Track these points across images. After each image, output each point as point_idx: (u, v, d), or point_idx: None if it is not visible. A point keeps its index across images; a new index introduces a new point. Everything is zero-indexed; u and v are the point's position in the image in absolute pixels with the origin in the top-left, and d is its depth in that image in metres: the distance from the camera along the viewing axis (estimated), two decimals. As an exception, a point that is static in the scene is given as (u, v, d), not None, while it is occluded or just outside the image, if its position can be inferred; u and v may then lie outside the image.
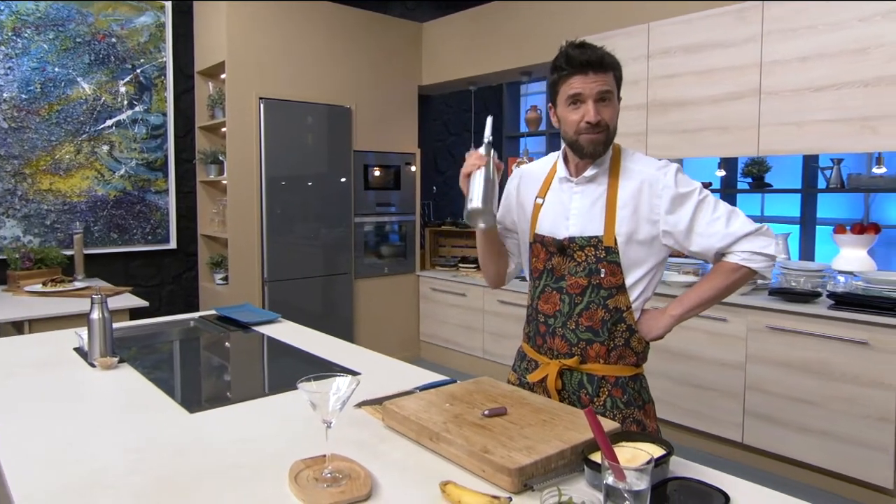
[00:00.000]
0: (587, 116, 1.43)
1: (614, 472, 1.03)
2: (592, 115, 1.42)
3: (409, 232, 4.90)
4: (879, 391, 2.59)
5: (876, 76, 2.55)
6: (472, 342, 4.55)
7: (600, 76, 1.42)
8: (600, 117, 1.43)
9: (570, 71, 1.45)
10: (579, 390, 1.54)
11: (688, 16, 3.12)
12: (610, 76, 1.45)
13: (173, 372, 1.93)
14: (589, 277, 1.51)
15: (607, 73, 1.44)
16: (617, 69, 1.47)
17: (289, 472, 1.17)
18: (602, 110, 1.44)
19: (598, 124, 1.43)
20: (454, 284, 4.65)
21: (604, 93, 1.43)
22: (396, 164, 4.72)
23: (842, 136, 2.66)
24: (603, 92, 1.43)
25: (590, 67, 1.42)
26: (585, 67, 1.42)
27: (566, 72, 1.46)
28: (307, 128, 4.16)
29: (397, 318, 4.82)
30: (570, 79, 1.45)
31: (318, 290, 4.29)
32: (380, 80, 4.59)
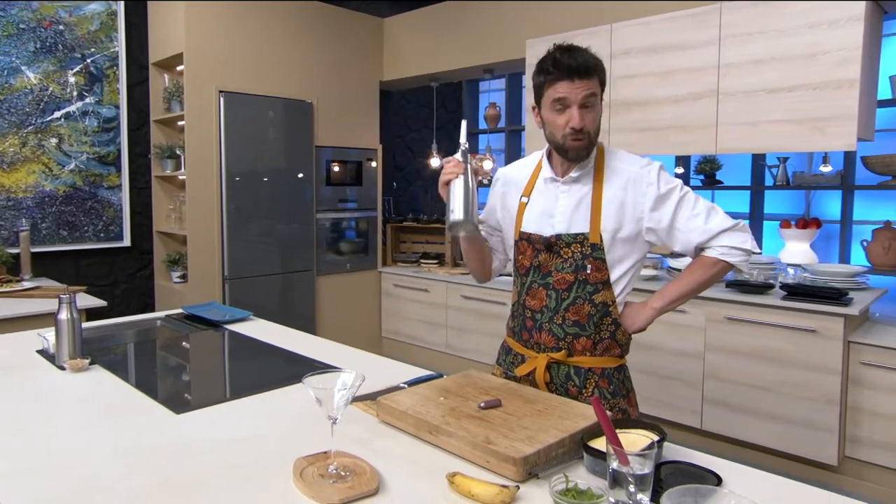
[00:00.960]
0: (572, 122, 1.47)
1: (619, 457, 1.07)
2: (577, 121, 1.46)
3: (371, 228, 4.88)
4: (826, 375, 2.76)
5: (824, 80, 2.71)
6: (435, 337, 4.57)
7: (585, 82, 1.46)
8: (584, 124, 1.47)
9: (557, 75, 1.47)
10: (567, 382, 1.59)
11: (648, 18, 3.22)
12: (595, 81, 1.48)
13: (150, 373, 1.88)
14: (575, 273, 1.55)
15: (592, 78, 1.47)
16: (601, 73, 1.51)
17: (293, 469, 1.17)
18: (585, 116, 1.47)
19: (581, 130, 1.47)
20: (416, 280, 4.66)
21: (588, 98, 1.46)
22: (358, 159, 4.69)
23: (793, 136, 2.82)
24: (587, 97, 1.46)
25: (576, 73, 1.45)
26: (572, 73, 1.45)
27: (552, 75, 1.48)
28: (268, 122, 4.08)
29: (359, 314, 4.80)
30: (556, 83, 1.48)
31: (280, 288, 4.22)
32: (341, 74, 4.54)
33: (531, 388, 1.56)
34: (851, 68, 2.64)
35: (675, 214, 1.51)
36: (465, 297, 4.33)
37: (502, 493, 1.07)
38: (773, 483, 1.18)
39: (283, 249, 4.22)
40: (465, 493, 1.09)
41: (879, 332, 2.81)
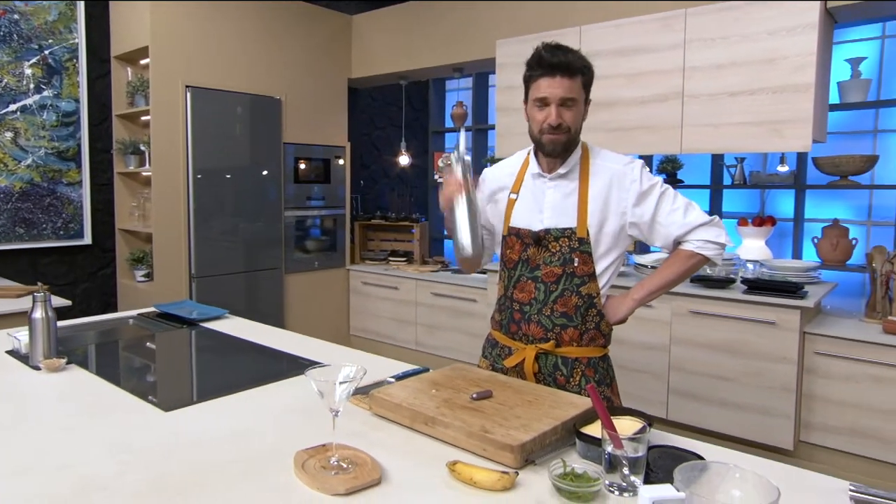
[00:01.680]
0: (549, 119, 1.54)
1: (614, 441, 1.12)
2: (554, 117, 1.53)
3: (339, 226, 4.86)
4: (784, 365, 2.90)
5: (782, 84, 2.85)
6: (405, 335, 4.59)
7: (566, 80, 1.52)
8: (561, 120, 1.53)
9: (540, 72, 1.54)
10: (554, 372, 1.64)
11: (617, 21, 3.32)
12: (577, 81, 1.54)
13: (131, 371, 1.85)
14: (563, 266, 1.60)
15: (574, 77, 1.53)
16: (586, 73, 1.56)
17: (293, 462, 1.18)
18: (564, 113, 1.54)
19: (559, 126, 1.54)
20: (386, 278, 4.67)
21: (567, 99, 1.53)
22: (326, 157, 4.67)
23: (753, 137, 2.95)
24: (566, 98, 1.52)
25: (557, 71, 1.51)
26: (553, 70, 1.51)
27: (536, 72, 1.55)
28: (236, 118, 4.03)
29: (328, 313, 4.78)
30: (538, 80, 1.55)
31: (248, 286, 4.17)
32: (310, 71, 4.51)
33: (519, 379, 1.61)
34: (807, 73, 2.78)
35: (656, 209, 1.58)
36: (436, 294, 4.36)
37: (503, 479, 1.11)
38: (752, 463, 1.25)
39: (250, 247, 4.17)
40: (466, 480, 1.12)
41: (831, 324, 2.97)
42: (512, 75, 3.81)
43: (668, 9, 3.16)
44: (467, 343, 4.20)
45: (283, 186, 4.33)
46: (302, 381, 1.70)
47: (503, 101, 3.87)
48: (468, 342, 4.19)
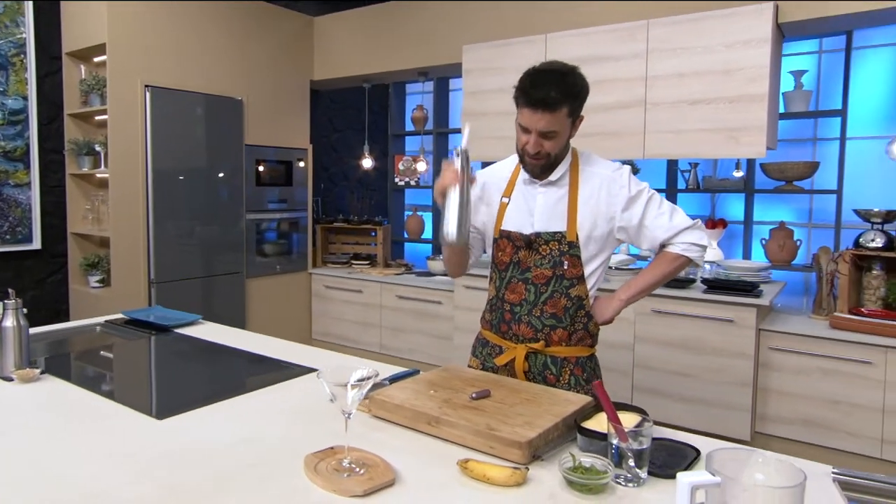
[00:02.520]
0: (528, 146, 1.57)
1: (619, 435, 1.18)
2: (532, 146, 1.56)
3: (301, 229, 4.80)
4: (741, 361, 3.05)
5: (739, 94, 3.00)
6: (369, 338, 4.57)
7: (547, 115, 1.52)
8: (540, 149, 1.56)
9: (523, 102, 1.55)
10: (544, 371, 1.69)
11: (582, 30, 3.42)
12: (560, 113, 1.53)
13: (111, 380, 1.78)
14: (553, 269, 1.65)
15: (557, 111, 1.52)
16: (572, 101, 1.55)
17: (304, 465, 1.18)
18: (544, 143, 1.56)
19: (537, 154, 1.57)
20: (349, 281, 4.64)
21: (548, 132, 1.54)
22: (288, 159, 4.60)
23: (711, 143, 3.10)
24: (546, 132, 1.54)
25: (538, 106, 1.51)
26: (535, 105, 1.52)
27: (521, 101, 1.56)
28: (197, 119, 3.93)
29: (290, 317, 4.71)
30: (522, 108, 1.57)
31: (209, 291, 4.07)
32: (271, 72, 4.44)
33: (514, 378, 1.65)
34: (761, 84, 2.95)
35: (643, 214, 1.65)
36: (401, 297, 4.37)
37: (515, 475, 1.14)
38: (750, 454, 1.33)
39: (211, 251, 4.07)
40: (479, 477, 1.15)
41: (783, 321, 3.14)
42: (478, 80, 3.87)
43: (632, 19, 3.28)
44: (433, 345, 4.22)
45: (244, 189, 4.25)
46: (295, 384, 1.70)
47: (470, 105, 3.92)
48: (434, 344, 4.22)
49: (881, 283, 3.11)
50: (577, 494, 1.12)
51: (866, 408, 2.85)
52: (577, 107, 1.59)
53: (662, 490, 1.14)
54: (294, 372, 1.80)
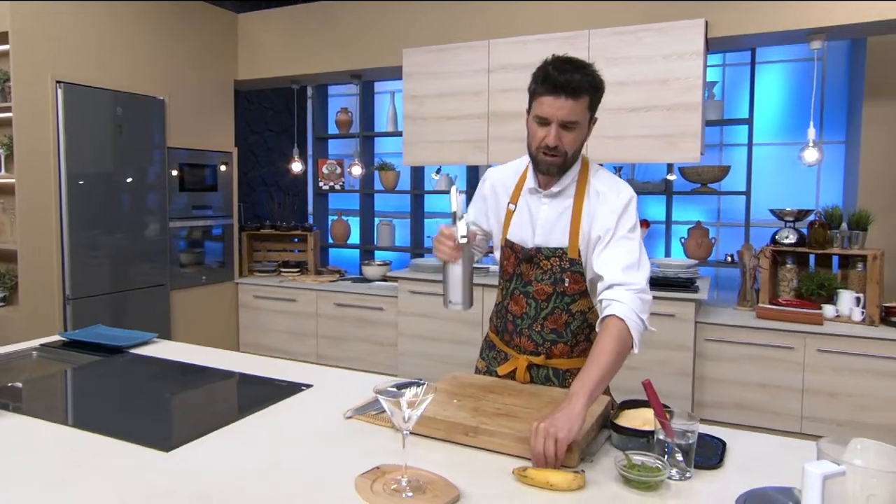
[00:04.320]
0: (547, 139, 1.47)
1: (667, 431, 1.22)
2: (552, 139, 1.47)
3: (227, 237, 4.54)
4: (681, 352, 3.26)
5: (675, 102, 3.21)
6: (304, 348, 4.41)
7: (570, 102, 1.44)
8: (559, 143, 1.47)
9: (544, 89, 1.47)
10: (546, 382, 1.67)
11: (525, 37, 3.50)
12: (582, 102, 1.47)
13: (88, 412, 1.58)
14: (554, 286, 1.60)
15: (579, 98, 1.45)
16: (594, 93, 1.50)
17: (356, 488, 1.13)
18: (564, 136, 1.47)
19: (556, 148, 1.48)
20: (282, 290, 4.45)
21: (569, 122, 1.46)
22: (213, 163, 4.34)
23: (651, 149, 3.28)
24: (568, 121, 1.46)
25: (562, 91, 1.44)
26: (557, 90, 1.44)
27: (541, 88, 1.49)
28: (115, 119, 3.60)
29: (217, 330, 4.44)
30: (541, 97, 1.48)
31: (131, 306, 3.75)
32: (195, 71, 4.17)
33: (527, 384, 1.65)
34: (695, 93, 3.17)
35: (609, 241, 1.52)
36: (339, 304, 4.25)
37: (577, 479, 1.15)
38: (763, 439, 1.42)
39: (133, 263, 3.75)
40: (542, 485, 1.14)
41: (714, 313, 3.39)
42: (419, 84, 3.85)
43: (574, 28, 3.40)
44: (376, 353, 4.15)
45: (167, 195, 3.95)
46: (294, 403, 1.60)
47: (411, 109, 3.89)
48: (376, 352, 4.14)
49: (794, 276, 3.44)
50: (637, 492, 1.14)
51: (789, 389, 3.14)
52: (596, 103, 1.53)
53: (710, 481, 1.20)
54: (286, 389, 1.70)
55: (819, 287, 3.29)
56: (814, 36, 3.11)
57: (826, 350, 3.04)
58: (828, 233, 3.25)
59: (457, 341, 3.79)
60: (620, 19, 3.33)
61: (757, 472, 1.22)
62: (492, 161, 3.71)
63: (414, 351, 3.93)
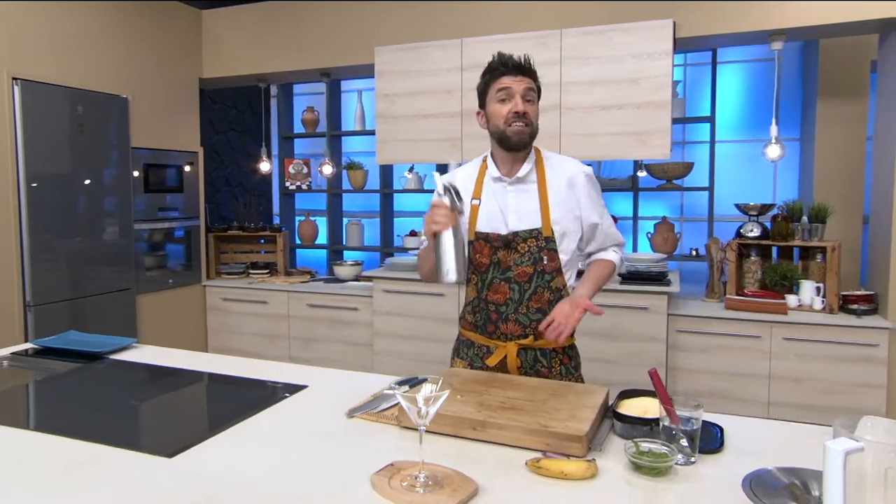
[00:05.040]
0: (515, 107, 1.65)
1: (672, 418, 1.26)
2: (521, 105, 1.65)
3: (195, 239, 4.43)
4: (655, 344, 3.35)
5: (645, 101, 3.29)
6: (276, 351, 4.34)
7: (526, 78, 1.67)
8: (526, 110, 1.66)
9: (503, 71, 1.67)
10: (536, 364, 1.74)
11: (498, 36, 3.53)
12: (533, 79, 1.69)
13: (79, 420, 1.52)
14: (534, 265, 1.71)
15: (531, 75, 1.69)
16: (537, 77, 1.72)
17: (373, 486, 1.13)
18: (527, 106, 1.67)
19: (524, 115, 1.65)
20: (252, 292, 4.37)
21: (529, 91, 1.67)
22: (178, 163, 4.23)
23: (622, 146, 3.36)
24: (528, 90, 1.67)
25: (519, 70, 1.66)
26: (515, 70, 1.66)
27: (498, 71, 1.67)
28: (77, 118, 3.46)
29: (185, 334, 4.33)
30: (500, 78, 1.68)
31: (96, 311, 3.61)
32: (158, 68, 4.05)
33: (521, 376, 1.68)
34: (664, 92, 3.25)
35: (601, 219, 1.78)
36: (312, 305, 4.20)
37: (591, 467, 1.18)
38: (763, 424, 1.48)
39: (97, 267, 3.62)
40: (556, 475, 1.17)
41: (685, 305, 3.49)
42: (391, 83, 3.84)
43: (546, 28, 3.45)
44: (351, 353, 4.11)
45: (132, 196, 3.83)
46: (291, 405, 1.58)
47: (383, 108, 3.87)
48: (352, 352, 4.11)
49: (758, 268, 3.57)
50: (647, 478, 1.17)
51: (756, 376, 3.26)
52: (540, 87, 1.74)
53: (714, 465, 1.24)
54: (282, 390, 1.68)
55: (782, 278, 3.43)
56: (774, 37, 3.24)
57: (790, 338, 3.17)
58: (790, 226, 3.39)
59: (434, 339, 3.80)
60: (591, 19, 3.39)
61: (757, 455, 1.27)
62: (465, 159, 3.72)
63: (390, 350, 3.92)
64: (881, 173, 3.26)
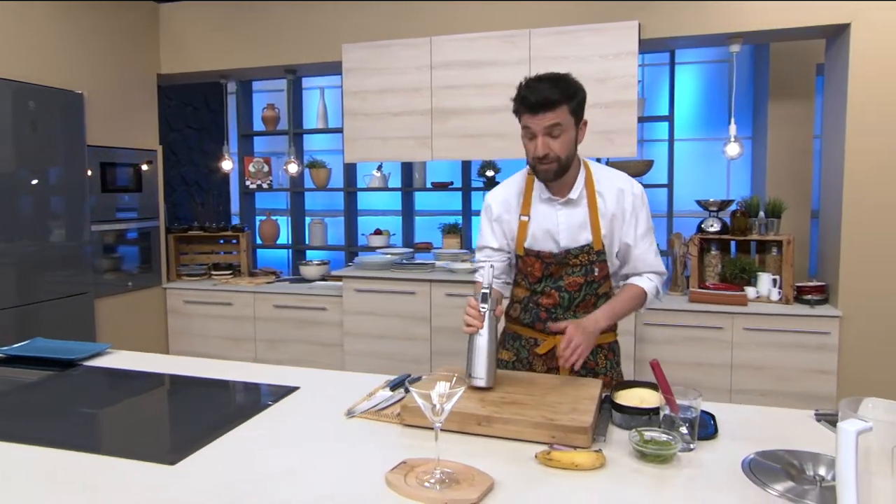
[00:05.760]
0: (535, 151, 1.62)
1: (672, 406, 1.30)
2: (539, 150, 1.60)
3: (154, 240, 4.29)
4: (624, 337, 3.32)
5: (613, 100, 3.37)
6: (241, 353, 4.25)
7: (549, 114, 1.58)
8: (548, 150, 1.60)
9: (524, 109, 1.63)
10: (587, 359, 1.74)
11: (467, 35, 3.55)
12: (562, 109, 1.60)
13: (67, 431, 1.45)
14: (585, 276, 1.74)
15: (555, 109, 1.59)
16: (570, 100, 1.62)
17: (389, 484, 1.13)
18: (551, 143, 1.60)
19: (545, 157, 1.61)
20: (216, 294, 4.26)
21: (553, 127, 1.59)
22: (136, 161, 4.08)
23: (591, 144, 3.43)
24: (550, 127, 1.59)
25: (538, 108, 1.58)
26: (535, 108, 1.59)
27: (521, 109, 1.64)
28: (28, 114, 3.29)
29: (145, 338, 4.18)
30: (523, 116, 1.65)
31: (53, 317, 3.45)
32: (114, 64, 3.89)
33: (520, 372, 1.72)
34: (631, 92, 3.34)
35: (636, 240, 1.74)
36: (279, 306, 4.13)
37: (599, 458, 1.21)
38: (752, 411, 1.55)
39: (52, 270, 3.46)
40: (567, 466, 1.20)
41: (650, 299, 3.60)
42: (359, 80, 3.81)
43: (515, 27, 3.49)
44: (320, 354, 4.07)
45: (88, 196, 3.67)
46: (287, 406, 1.57)
47: (351, 105, 3.84)
48: (321, 353, 4.07)
49: (718, 261, 3.72)
50: (653, 465, 1.22)
51: (719, 365, 3.39)
52: (577, 107, 1.65)
53: (711, 450, 1.30)
54: (275, 392, 1.66)
55: (741, 271, 3.58)
56: (733, 39, 3.37)
57: (751, 328, 3.32)
58: (748, 221, 3.54)
59: (405, 338, 3.80)
60: (560, 19, 3.45)
61: (749, 439, 1.33)
62: (436, 157, 3.74)
63: (362, 350, 3.90)
64: (831, 171, 3.44)
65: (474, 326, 1.50)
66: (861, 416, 0.88)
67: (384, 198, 5.34)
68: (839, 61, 3.26)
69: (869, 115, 3.10)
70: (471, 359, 1.51)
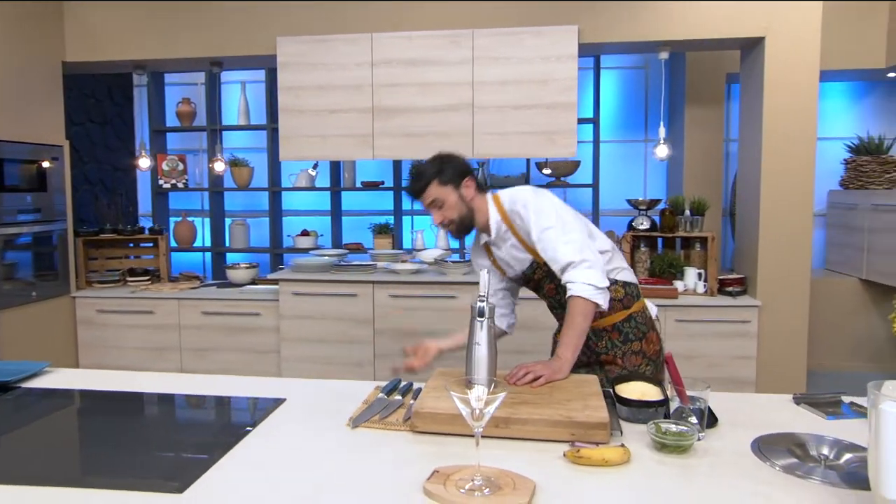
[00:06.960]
0: (433, 221, 1.85)
1: (682, 398, 1.35)
2: (435, 220, 1.83)
3: (60, 244, 3.89)
4: (565, 333, 3.53)
5: (554, 101, 3.45)
6: (164, 364, 3.96)
7: (424, 196, 1.81)
8: (441, 219, 1.82)
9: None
10: (587, 342, 1.84)
11: (409, 32, 3.50)
12: (431, 189, 1.78)
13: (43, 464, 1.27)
14: (554, 282, 1.86)
15: (427, 190, 1.79)
16: (437, 175, 1.79)
17: (429, 495, 1.09)
18: (439, 213, 1.81)
19: (442, 223, 1.83)
20: (135, 302, 3.94)
21: (431, 204, 1.80)
22: (39, 158, 3.68)
23: (532, 144, 3.50)
24: (430, 204, 1.81)
25: (416, 196, 1.83)
26: (414, 196, 1.84)
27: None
28: (-86, 104, 2.88)
29: (53, 353, 3.79)
30: None
31: (-54, 334, 3.05)
32: (11, 50, 3.48)
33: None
34: (571, 94, 3.44)
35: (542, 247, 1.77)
36: (207, 312, 3.88)
37: (626, 452, 1.23)
38: (739, 398, 1.64)
39: (-56, 281, 3.05)
40: (598, 462, 1.21)
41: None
42: (295, 75, 3.65)
43: (458, 27, 3.48)
44: (253, 361, 3.86)
45: (-15, 197, 3.27)
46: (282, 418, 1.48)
47: (286, 101, 3.67)
48: (254, 360, 3.87)
49: (647, 258, 3.92)
50: (673, 455, 1.26)
51: (653, 356, 3.57)
52: (449, 177, 1.81)
53: (719, 438, 1.36)
54: (262, 406, 1.55)
55: (669, 266, 3.79)
56: (662, 47, 3.56)
57: (682, 319, 3.52)
58: (675, 219, 3.76)
59: (345, 341, 3.70)
60: (503, 21, 3.49)
61: (746, 425, 1.41)
62: (377, 156, 3.66)
63: (300, 355, 3.75)
64: (748, 171, 3.72)
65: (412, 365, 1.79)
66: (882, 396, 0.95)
67: (309, 198, 5.17)
68: (755, 70, 3.54)
69: (782, 120, 3.39)
70: (470, 371, 1.52)
